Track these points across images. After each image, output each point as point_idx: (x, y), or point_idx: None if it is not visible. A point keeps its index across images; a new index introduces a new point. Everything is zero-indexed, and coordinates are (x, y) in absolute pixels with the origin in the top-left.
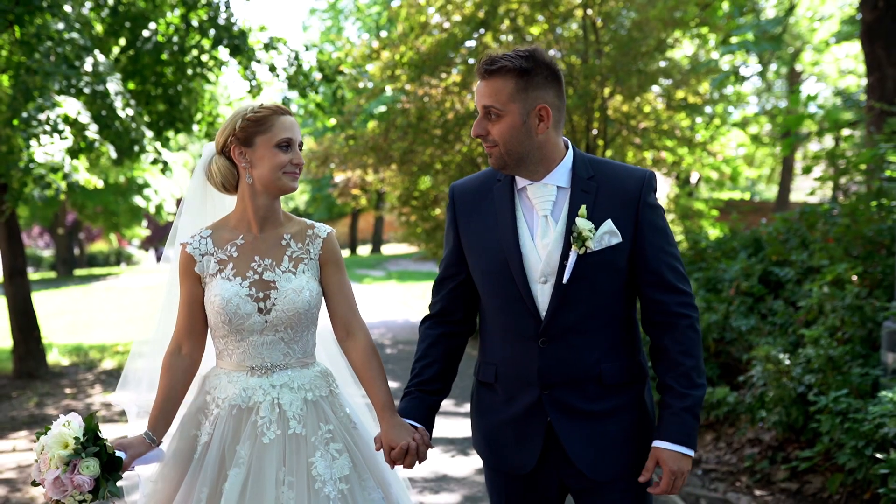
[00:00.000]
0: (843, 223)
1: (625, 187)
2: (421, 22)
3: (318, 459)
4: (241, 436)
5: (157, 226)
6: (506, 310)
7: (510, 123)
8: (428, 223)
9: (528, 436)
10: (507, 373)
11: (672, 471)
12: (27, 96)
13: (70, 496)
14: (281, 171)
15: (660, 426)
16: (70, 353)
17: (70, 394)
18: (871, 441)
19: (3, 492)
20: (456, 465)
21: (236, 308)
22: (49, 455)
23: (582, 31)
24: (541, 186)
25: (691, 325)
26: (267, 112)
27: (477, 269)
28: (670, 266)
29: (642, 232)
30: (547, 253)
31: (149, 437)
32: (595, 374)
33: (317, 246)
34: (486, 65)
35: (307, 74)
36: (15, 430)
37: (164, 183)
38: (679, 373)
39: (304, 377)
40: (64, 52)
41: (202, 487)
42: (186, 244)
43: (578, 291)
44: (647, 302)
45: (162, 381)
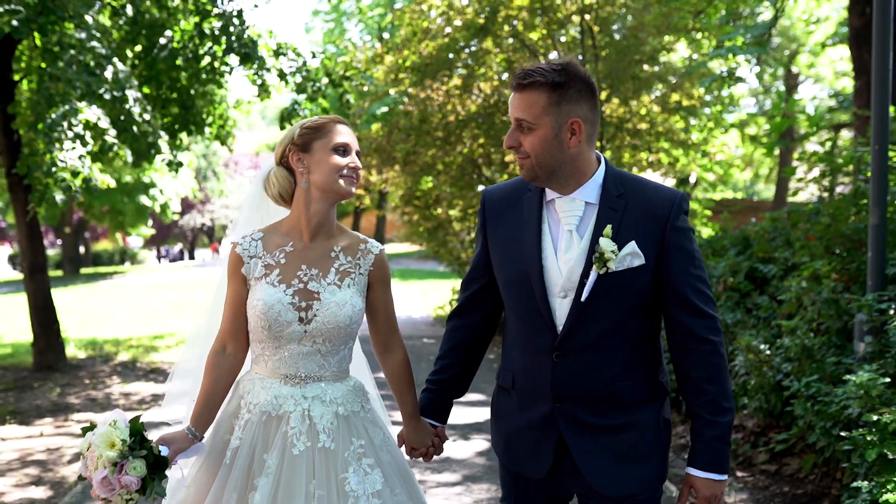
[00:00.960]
0: (824, 222)
1: (653, 208)
2: (423, 27)
3: (351, 475)
4: (269, 443)
5: (161, 225)
6: (524, 320)
7: (542, 136)
8: (430, 222)
9: (541, 444)
10: (522, 382)
11: (705, 496)
12: (50, 102)
13: (118, 495)
14: (338, 174)
15: (692, 453)
16: (85, 346)
17: (89, 384)
18: (837, 421)
19: (35, 472)
20: (457, 449)
21: (277, 315)
22: (96, 454)
23: (580, 36)
24: (569, 201)
25: (715, 350)
26: (324, 120)
27: (500, 276)
28: (696, 289)
29: (668, 254)
30: (569, 268)
31: (191, 433)
32: (610, 392)
33: (368, 262)
34: (519, 78)
35: (315, 80)
36: (40, 417)
37: (169, 183)
38: (706, 401)
39: (337, 391)
40: (85, 60)
41: (232, 493)
42: (237, 244)
43: (596, 309)
44: (671, 322)
45: (206, 380)
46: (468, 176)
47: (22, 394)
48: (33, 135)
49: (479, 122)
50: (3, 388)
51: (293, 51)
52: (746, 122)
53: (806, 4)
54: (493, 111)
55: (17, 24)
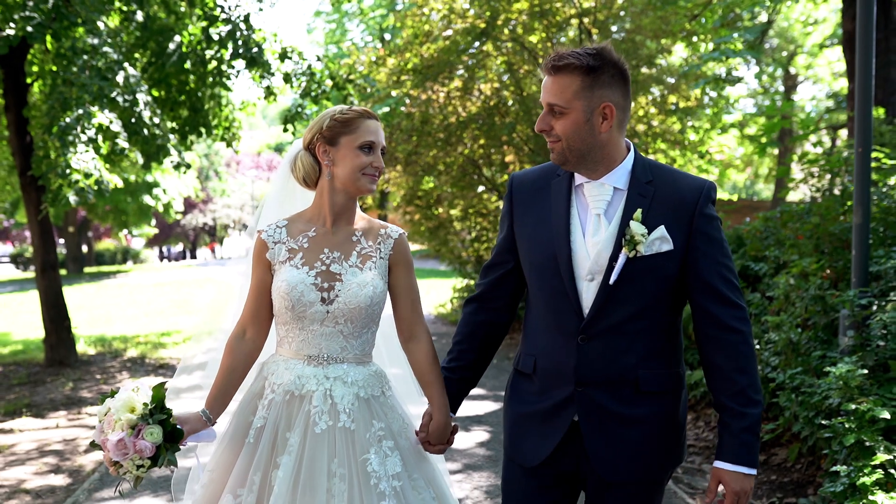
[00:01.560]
0: (813, 221)
1: (682, 195)
2: (425, 30)
3: (372, 456)
4: (292, 422)
5: (163, 224)
6: (550, 304)
7: (574, 120)
8: (431, 222)
9: (551, 429)
10: (544, 366)
11: (735, 491)
12: (64, 106)
13: (130, 459)
14: (360, 171)
15: (720, 446)
16: (94, 343)
17: (100, 379)
18: (819, 411)
19: (53, 461)
20: (459, 439)
21: (300, 295)
22: (115, 417)
23: (578, 39)
24: (598, 185)
25: (744, 339)
26: (354, 115)
27: (526, 259)
28: (724, 278)
29: (696, 242)
30: (597, 252)
31: (205, 416)
32: (631, 379)
33: (388, 246)
34: (553, 61)
35: (320, 83)
36: (54, 410)
37: (172, 182)
38: (734, 391)
39: (359, 374)
40: (98, 65)
41: (255, 471)
42: (262, 231)
43: (624, 293)
44: (698, 312)
45: (223, 363)
46: (469, 176)
47: (35, 388)
48: (47, 137)
49: (479, 123)
50: (16, 382)
51: (298, 54)
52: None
53: (804, 6)
54: (493, 112)
55: (31, 29)
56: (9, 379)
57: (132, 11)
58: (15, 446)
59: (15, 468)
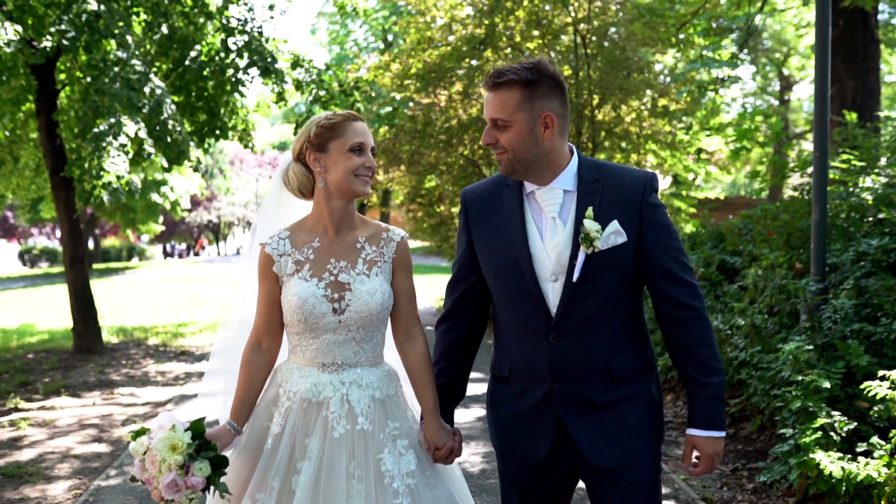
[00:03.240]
0: (783, 219)
1: (628, 189)
2: (428, 37)
3: (386, 455)
4: (311, 429)
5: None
6: (517, 307)
7: (517, 132)
8: (433, 219)
9: (540, 427)
10: (520, 368)
11: (709, 454)
12: (97, 114)
13: (184, 496)
14: (353, 173)
15: (691, 414)
16: (116, 333)
17: (126, 364)
18: (774, 384)
19: (94, 433)
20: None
21: (312, 308)
22: (159, 458)
23: (573, 45)
24: (548, 190)
25: (699, 315)
26: (339, 119)
27: (489, 269)
28: (675, 259)
29: (646, 230)
30: (557, 253)
31: (233, 428)
32: (604, 369)
33: (391, 249)
34: (493, 78)
35: (328, 90)
36: (89, 390)
37: (179, 180)
38: (697, 363)
39: (373, 376)
40: (127, 77)
41: (275, 477)
42: (265, 244)
43: (587, 289)
44: (656, 295)
45: (242, 375)
46: (469, 176)
47: (68, 372)
48: (80, 142)
49: (479, 125)
50: (49, 367)
51: (308, 63)
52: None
53: (797, 9)
54: None
55: (66, 42)
56: (41, 364)
57: (157, 24)
58: (57, 421)
59: (60, 438)
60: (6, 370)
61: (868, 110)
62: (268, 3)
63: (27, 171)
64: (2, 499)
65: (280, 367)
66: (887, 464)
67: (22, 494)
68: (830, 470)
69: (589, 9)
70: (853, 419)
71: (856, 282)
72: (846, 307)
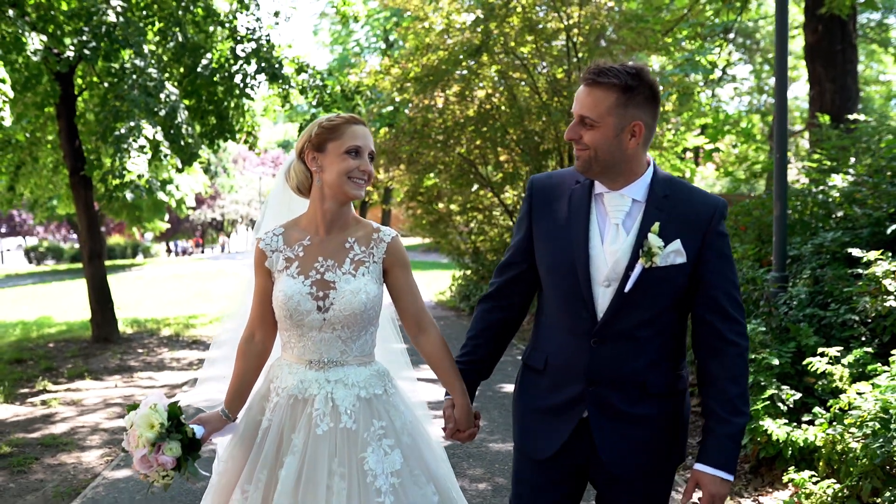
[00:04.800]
0: (755, 215)
1: (697, 212)
2: (426, 43)
3: (370, 454)
4: (296, 424)
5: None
6: (565, 305)
7: (603, 134)
8: (432, 216)
9: (561, 424)
10: (556, 364)
11: (711, 494)
12: (116, 118)
13: (155, 471)
14: (346, 175)
15: (702, 450)
16: (131, 324)
17: (143, 352)
18: None
19: (119, 410)
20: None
21: (297, 304)
22: (137, 433)
23: (566, 49)
24: (618, 196)
25: (740, 353)
26: (340, 121)
27: (543, 262)
28: (729, 293)
29: (707, 257)
30: (615, 260)
31: (225, 415)
32: (640, 381)
33: (381, 250)
34: (592, 74)
35: (332, 94)
36: (110, 374)
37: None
38: (724, 399)
39: (360, 375)
40: (144, 83)
41: (262, 470)
42: (260, 240)
43: (637, 300)
44: (701, 323)
45: (237, 365)
46: (466, 174)
47: (88, 359)
48: (101, 144)
49: (475, 125)
50: (70, 355)
51: (312, 69)
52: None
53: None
54: (487, 116)
55: (88, 52)
56: (63, 352)
57: (171, 32)
58: (84, 400)
59: (88, 415)
60: (31, 357)
61: (847, 111)
62: (273, 9)
63: (45, 172)
64: (42, 463)
65: (273, 363)
66: (826, 430)
67: (60, 461)
68: (777, 435)
69: (580, 15)
70: (802, 393)
71: (812, 272)
72: (801, 294)
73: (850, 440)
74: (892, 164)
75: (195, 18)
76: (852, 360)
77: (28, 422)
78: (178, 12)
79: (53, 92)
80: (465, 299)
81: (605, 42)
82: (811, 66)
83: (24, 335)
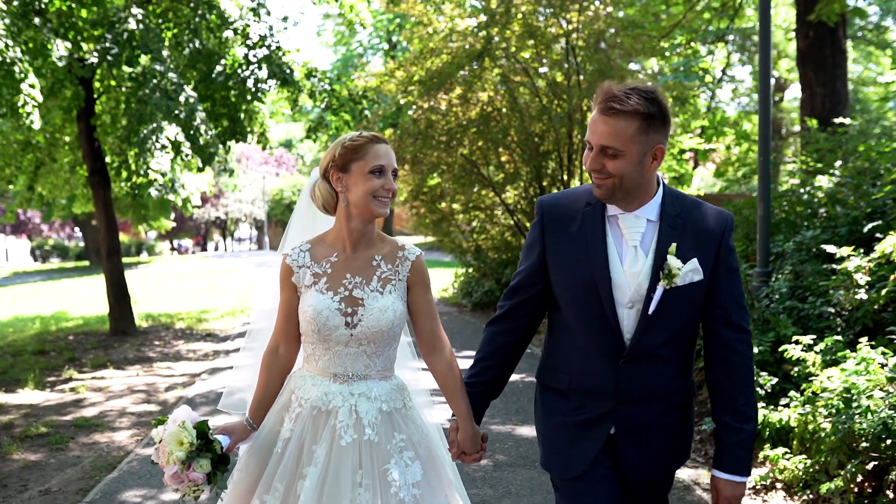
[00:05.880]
0: (744, 214)
1: (709, 228)
2: (430, 48)
3: (392, 466)
4: (318, 436)
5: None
6: (588, 328)
7: (629, 161)
8: (435, 215)
9: (588, 443)
10: (581, 385)
11: (727, 497)
12: (140, 121)
13: (186, 486)
14: (372, 195)
15: (717, 457)
16: (145, 318)
17: (159, 344)
18: None
19: (143, 396)
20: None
21: (326, 320)
22: (167, 450)
23: (565, 54)
24: (632, 218)
25: (745, 363)
26: (363, 141)
27: (562, 284)
28: (738, 305)
29: (719, 271)
30: (637, 283)
31: (249, 424)
32: (665, 393)
33: (405, 268)
34: (612, 102)
35: (339, 98)
36: (130, 364)
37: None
38: (733, 408)
39: (382, 389)
40: (165, 88)
41: (280, 480)
42: (287, 255)
43: (661, 320)
44: (712, 335)
45: (261, 377)
46: (468, 175)
47: (108, 350)
48: (126, 145)
49: (477, 127)
50: (90, 346)
51: (321, 73)
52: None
53: (786, 13)
54: (489, 118)
55: (111, 58)
56: (83, 344)
57: (189, 39)
58: (109, 387)
59: (115, 400)
60: (53, 349)
61: (837, 115)
62: (281, 14)
63: (62, 172)
64: (77, 442)
65: (294, 373)
66: (799, 411)
67: (93, 440)
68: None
69: (579, 21)
70: (780, 379)
71: (793, 267)
72: (783, 288)
73: (821, 420)
74: (873, 167)
75: (209, 25)
76: (824, 347)
77: (59, 406)
78: (195, 19)
79: (78, 96)
80: (468, 296)
81: (605, 45)
82: (802, 71)
83: (44, 328)
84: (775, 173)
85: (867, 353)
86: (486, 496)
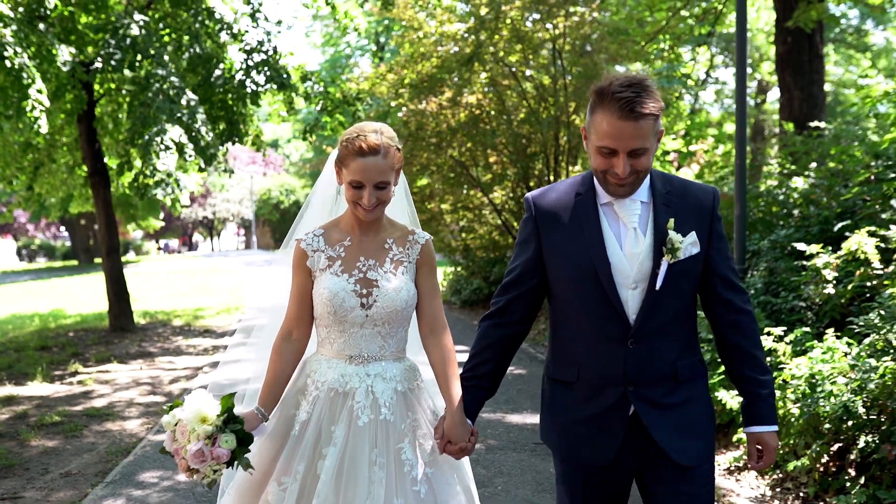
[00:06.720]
0: (723, 213)
1: (699, 201)
2: (421, 52)
3: (406, 445)
4: (336, 417)
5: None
6: (592, 314)
7: (651, 154)
8: (424, 214)
9: (609, 430)
10: (590, 372)
11: (772, 447)
12: (144, 123)
13: (208, 466)
14: (352, 201)
15: (753, 413)
16: (143, 315)
17: (159, 340)
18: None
19: (148, 388)
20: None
21: (342, 301)
22: (189, 428)
23: (552, 58)
24: (627, 202)
25: (752, 318)
26: (350, 150)
27: (561, 276)
28: (732, 268)
29: (712, 241)
30: (639, 262)
31: (260, 413)
32: (672, 372)
33: (416, 251)
34: (637, 106)
35: (333, 100)
36: (132, 359)
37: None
38: (755, 364)
39: (396, 369)
40: (167, 91)
41: (300, 462)
42: (301, 240)
43: (666, 297)
44: (716, 301)
45: (272, 363)
46: (457, 175)
47: (109, 346)
48: (131, 148)
49: (466, 130)
50: (91, 342)
51: (316, 75)
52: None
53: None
54: (477, 121)
55: (114, 63)
56: (84, 340)
57: (189, 44)
58: (115, 380)
59: (122, 392)
60: (55, 345)
61: (814, 118)
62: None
63: (59, 173)
64: (91, 430)
65: (309, 358)
66: None
67: (106, 428)
68: (731, 405)
69: (565, 26)
70: None
71: (767, 264)
72: (757, 284)
73: (790, 405)
74: (845, 169)
75: (208, 30)
76: (794, 338)
77: (69, 397)
78: (195, 25)
79: (80, 99)
80: (457, 293)
81: (591, 49)
82: (781, 76)
83: (43, 325)
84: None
85: (833, 342)
86: (479, 475)
